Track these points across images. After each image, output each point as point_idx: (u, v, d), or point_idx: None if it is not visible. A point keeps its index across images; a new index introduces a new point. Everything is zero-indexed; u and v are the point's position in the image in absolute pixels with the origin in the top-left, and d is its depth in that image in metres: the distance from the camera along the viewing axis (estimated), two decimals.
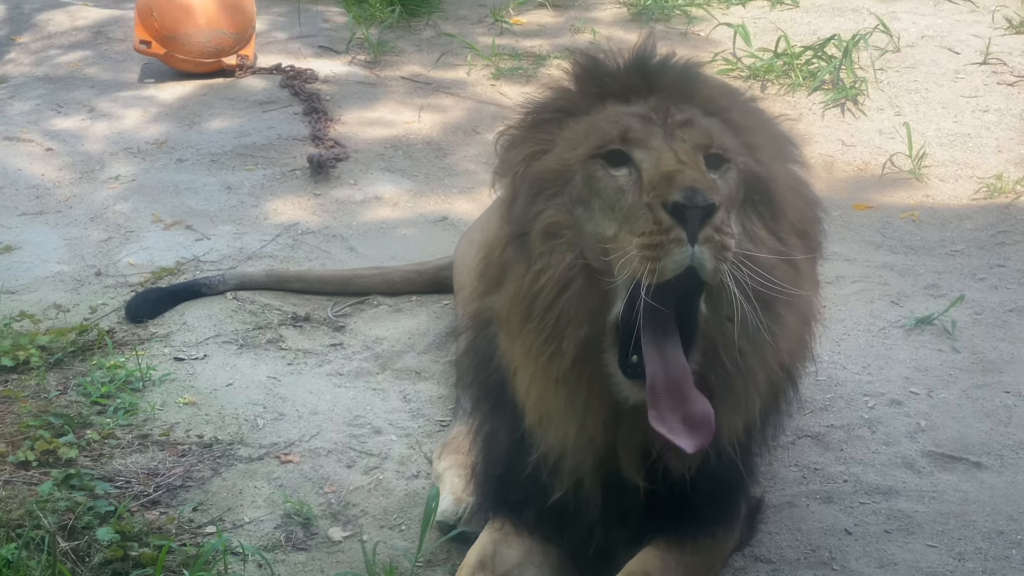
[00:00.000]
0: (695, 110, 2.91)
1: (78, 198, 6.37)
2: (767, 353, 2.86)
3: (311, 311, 5.10)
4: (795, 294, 2.83)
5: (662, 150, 2.77)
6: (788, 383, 3.19)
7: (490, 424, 3.30)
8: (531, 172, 2.94)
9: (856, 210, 6.19)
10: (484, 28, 8.74)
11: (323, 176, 6.51)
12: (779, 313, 2.82)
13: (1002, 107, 7.13)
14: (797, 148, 3.17)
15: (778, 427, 3.35)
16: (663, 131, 2.82)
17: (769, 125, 3.09)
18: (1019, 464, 3.97)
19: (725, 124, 2.93)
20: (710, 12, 8.47)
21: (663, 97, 2.93)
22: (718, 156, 2.83)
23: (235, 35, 7.84)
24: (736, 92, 3.13)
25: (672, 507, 3.09)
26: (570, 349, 2.83)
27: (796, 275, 2.87)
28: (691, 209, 2.57)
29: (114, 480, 3.83)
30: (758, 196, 2.87)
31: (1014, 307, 5.06)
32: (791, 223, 2.93)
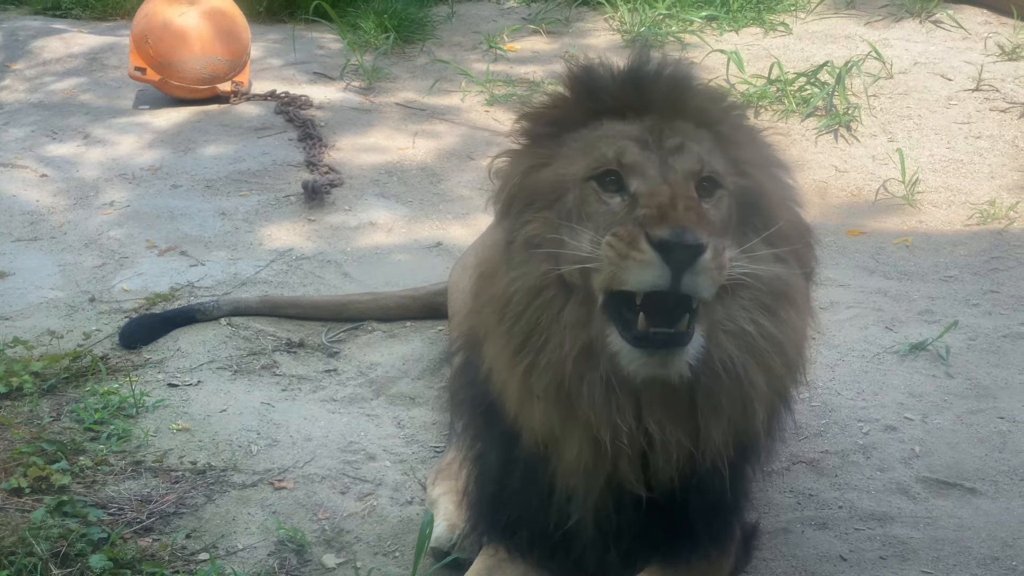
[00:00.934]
0: (687, 125, 2.94)
1: (72, 224, 6.37)
2: (767, 366, 2.86)
3: (305, 337, 5.10)
4: (798, 304, 2.89)
5: (657, 182, 2.80)
6: (782, 407, 3.19)
7: (480, 443, 3.30)
8: (527, 183, 2.99)
9: (850, 236, 6.20)
10: (478, 55, 8.77)
11: (317, 202, 6.52)
12: (779, 324, 2.85)
13: (995, 133, 7.16)
14: (787, 169, 3.17)
15: (772, 452, 3.34)
16: (658, 158, 2.85)
17: (758, 139, 3.11)
18: (1014, 490, 3.97)
19: (715, 138, 2.95)
20: (703, 39, 8.51)
21: (656, 113, 2.96)
22: (711, 181, 2.86)
23: (230, 62, 7.86)
24: (726, 101, 3.14)
25: (666, 529, 3.09)
26: (549, 365, 2.85)
27: (793, 278, 2.92)
28: (677, 247, 2.62)
29: (107, 507, 3.82)
30: (751, 211, 2.90)
31: (1008, 333, 5.07)
32: (786, 234, 2.94)
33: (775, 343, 2.86)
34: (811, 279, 3.21)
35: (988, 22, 8.44)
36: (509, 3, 9.83)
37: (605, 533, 3.11)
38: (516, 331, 2.89)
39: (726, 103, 3.12)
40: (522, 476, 3.11)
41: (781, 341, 2.87)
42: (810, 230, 3.19)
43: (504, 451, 3.14)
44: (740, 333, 2.82)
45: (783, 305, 2.86)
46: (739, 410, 2.88)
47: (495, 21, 9.38)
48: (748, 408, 2.88)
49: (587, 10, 9.40)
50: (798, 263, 3.02)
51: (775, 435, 3.26)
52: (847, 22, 8.71)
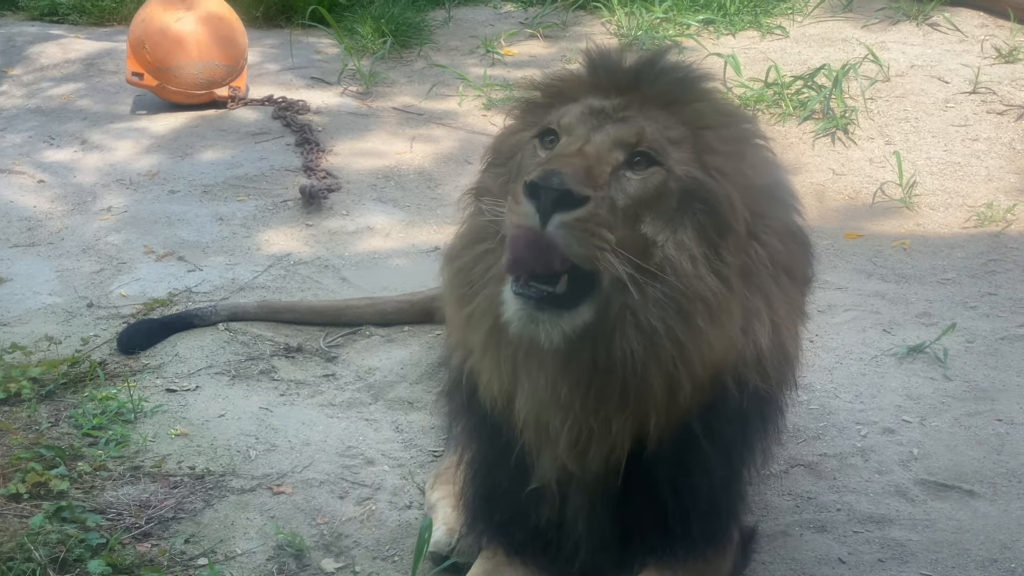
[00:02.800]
0: (664, 115, 2.94)
1: (70, 230, 6.37)
2: (666, 361, 2.80)
3: (303, 342, 5.10)
4: (720, 322, 2.81)
5: (576, 139, 2.85)
6: (774, 409, 3.19)
7: (473, 442, 3.32)
8: (498, 144, 3.12)
9: (847, 239, 6.21)
10: (476, 59, 8.77)
11: (315, 207, 6.52)
12: (696, 325, 2.78)
13: (992, 136, 7.16)
14: (791, 195, 3.15)
15: (767, 453, 3.34)
16: (597, 123, 2.89)
17: (749, 156, 3.01)
18: (1012, 492, 3.97)
19: (696, 139, 2.92)
20: (700, 43, 8.51)
21: (637, 98, 2.97)
22: (645, 155, 2.84)
23: (227, 67, 7.87)
24: (730, 115, 3.09)
25: (660, 529, 3.09)
26: (481, 317, 2.91)
27: (725, 291, 2.81)
28: (544, 190, 2.62)
29: (106, 512, 3.82)
30: (700, 207, 2.84)
31: (1005, 335, 5.08)
32: (747, 249, 2.90)
33: (682, 351, 2.79)
34: (808, 287, 3.23)
35: (985, 25, 8.45)
36: (506, 7, 9.84)
37: (595, 531, 3.11)
38: (458, 281, 2.98)
39: (728, 116, 3.07)
40: (511, 472, 3.13)
41: (689, 351, 2.80)
42: (809, 243, 3.20)
43: (493, 446, 3.15)
44: (648, 329, 2.76)
45: (703, 316, 2.78)
46: (635, 408, 2.86)
47: (492, 25, 9.39)
48: (642, 409, 2.86)
49: (584, 14, 9.40)
50: (790, 278, 3.02)
51: (770, 436, 3.26)
52: (844, 25, 8.72)
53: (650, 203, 2.80)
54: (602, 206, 2.69)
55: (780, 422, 3.28)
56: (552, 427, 2.94)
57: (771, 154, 3.11)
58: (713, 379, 2.89)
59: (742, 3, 9.08)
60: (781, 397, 3.20)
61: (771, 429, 3.24)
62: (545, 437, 2.99)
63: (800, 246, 3.13)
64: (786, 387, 3.21)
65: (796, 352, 3.19)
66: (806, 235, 3.20)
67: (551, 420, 2.93)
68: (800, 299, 3.19)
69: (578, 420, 2.89)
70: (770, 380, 3.00)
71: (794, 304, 3.10)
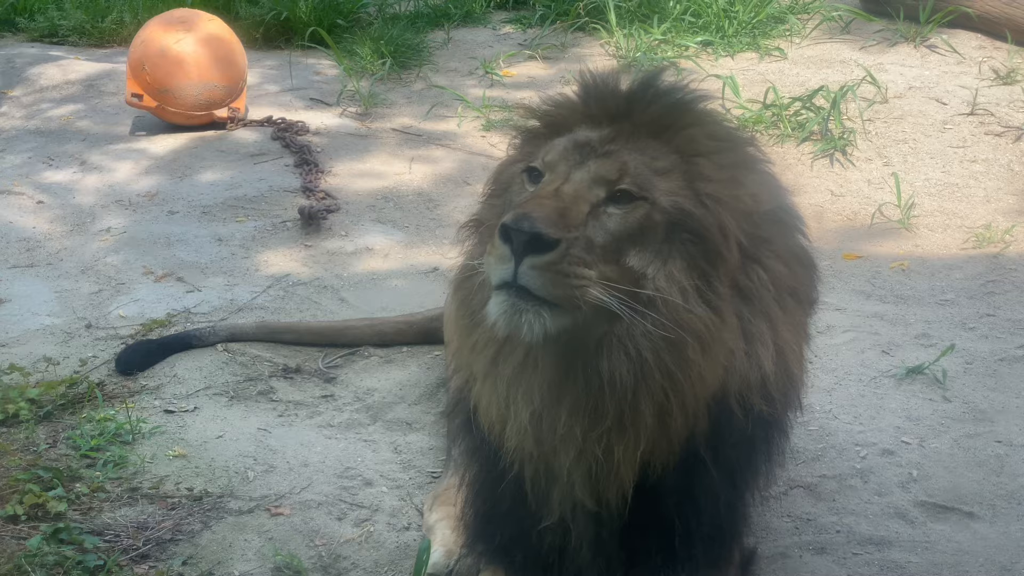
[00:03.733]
0: (656, 144, 2.95)
1: (69, 251, 6.37)
2: (656, 391, 2.80)
3: (302, 362, 5.10)
4: (712, 352, 2.80)
5: (556, 178, 2.88)
6: (779, 432, 3.19)
7: (474, 463, 3.31)
8: (497, 175, 3.16)
9: (846, 260, 6.21)
10: (475, 80, 8.79)
11: (314, 228, 6.53)
12: (687, 356, 2.78)
13: (990, 157, 7.18)
14: (796, 219, 3.15)
15: (770, 476, 3.34)
16: (580, 159, 2.90)
17: (748, 184, 2.97)
18: (1012, 514, 3.96)
19: (687, 167, 2.91)
20: (699, 64, 8.53)
21: (627, 127, 2.98)
22: (625, 192, 2.84)
23: (226, 88, 7.89)
24: (727, 143, 3.05)
25: (664, 554, 3.08)
26: (484, 345, 2.95)
27: (717, 321, 2.81)
28: (515, 232, 2.66)
29: (103, 534, 3.81)
30: (689, 237, 2.84)
31: (1004, 356, 5.07)
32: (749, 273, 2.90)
33: (672, 381, 2.80)
34: (812, 309, 3.23)
35: (983, 47, 8.47)
36: (505, 29, 9.86)
37: (600, 556, 3.11)
38: (462, 311, 3.04)
39: (724, 141, 3.04)
40: (511, 494, 3.12)
41: (680, 382, 2.80)
42: (814, 264, 3.20)
43: (493, 468, 3.15)
44: (636, 358, 2.78)
45: (693, 348, 2.78)
46: (633, 435, 2.86)
47: (491, 47, 9.41)
48: (639, 436, 2.86)
49: (583, 35, 9.43)
50: (794, 300, 3.01)
51: (774, 459, 3.26)
52: (842, 47, 8.74)
53: (634, 237, 2.82)
54: (576, 246, 2.71)
55: (784, 444, 3.27)
56: (558, 464, 2.94)
57: (774, 178, 3.10)
58: (711, 406, 2.88)
59: (740, 25, 9.10)
60: (786, 419, 3.20)
61: (776, 451, 3.23)
62: (553, 474, 2.98)
63: (805, 269, 3.13)
64: (791, 409, 3.20)
65: (801, 374, 3.18)
66: (812, 258, 3.20)
67: (558, 456, 2.92)
68: (805, 321, 3.19)
69: (584, 453, 2.88)
70: (775, 403, 2.99)
71: (799, 326, 3.09)
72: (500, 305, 2.74)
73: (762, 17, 9.14)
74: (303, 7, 9.69)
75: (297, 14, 9.70)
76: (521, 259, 2.68)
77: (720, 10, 9.19)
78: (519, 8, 10.29)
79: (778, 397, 3.00)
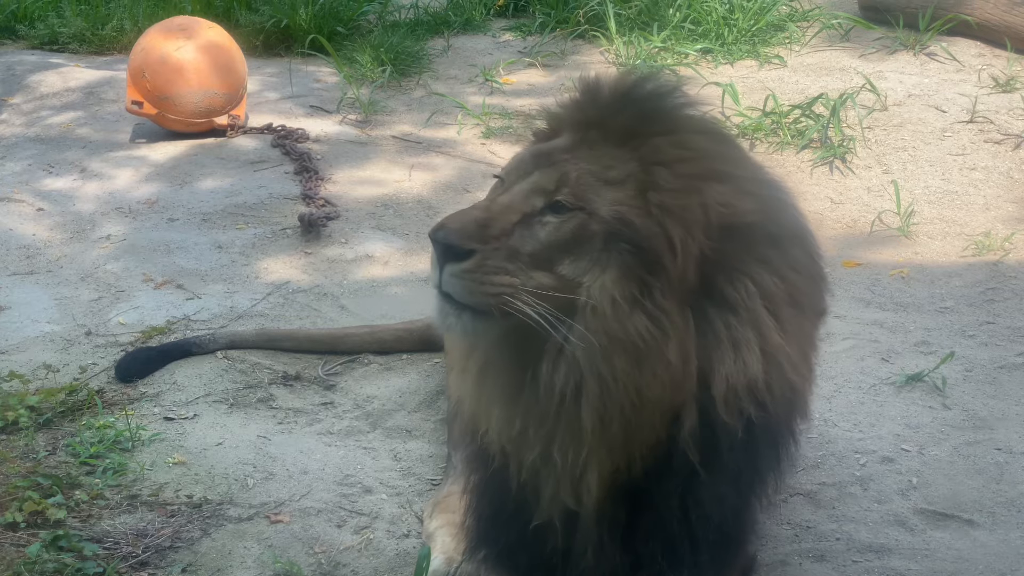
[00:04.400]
0: (620, 152, 2.95)
1: (69, 258, 6.37)
2: (593, 398, 2.83)
3: (301, 370, 5.10)
4: (641, 350, 2.80)
5: (501, 189, 3.02)
6: (782, 438, 3.18)
7: (474, 469, 3.32)
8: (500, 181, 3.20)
9: (845, 267, 6.21)
10: (474, 88, 8.80)
11: (314, 235, 6.53)
12: (618, 366, 2.79)
13: (989, 165, 7.18)
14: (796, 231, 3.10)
15: (778, 483, 3.33)
16: (530, 168, 2.98)
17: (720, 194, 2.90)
18: (1012, 522, 3.96)
19: (643, 176, 2.90)
20: (699, 72, 8.54)
21: (597, 135, 3.00)
22: (559, 204, 2.88)
23: (226, 95, 7.89)
24: (694, 152, 2.96)
25: (669, 556, 3.07)
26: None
27: (655, 332, 2.80)
28: (433, 242, 2.88)
29: (103, 541, 3.81)
30: (627, 248, 2.83)
31: (1004, 364, 5.07)
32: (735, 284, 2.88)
33: (606, 390, 2.82)
34: (819, 321, 3.22)
35: (982, 54, 8.48)
36: (505, 36, 9.87)
37: (604, 561, 3.10)
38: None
39: (691, 150, 2.96)
40: (513, 499, 3.12)
41: (612, 391, 2.82)
42: (820, 275, 3.20)
43: (494, 472, 3.15)
44: (573, 365, 2.82)
45: (626, 358, 2.80)
46: (573, 438, 2.89)
47: (491, 54, 9.42)
48: (579, 440, 2.88)
49: (583, 43, 9.44)
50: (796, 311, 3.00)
51: (783, 467, 3.25)
52: (841, 55, 8.75)
53: (568, 246, 2.86)
54: (495, 256, 2.83)
55: (791, 451, 3.26)
56: (532, 463, 2.98)
57: (769, 190, 3.07)
58: (683, 411, 2.89)
59: (740, 33, 9.11)
60: (789, 426, 3.18)
61: (783, 458, 3.22)
62: (537, 475, 3.00)
63: (809, 280, 3.10)
64: (794, 416, 3.18)
65: (803, 382, 3.15)
66: (818, 270, 3.18)
67: (529, 456, 2.97)
68: (810, 331, 3.17)
69: (546, 455, 2.93)
70: (768, 409, 2.98)
71: (801, 335, 3.07)
72: (433, 307, 2.93)
73: (762, 25, 9.16)
74: (303, 15, 9.69)
75: (297, 21, 9.71)
76: (443, 266, 2.84)
77: (720, 18, 9.20)
78: (519, 16, 10.30)
79: (773, 403, 2.99)
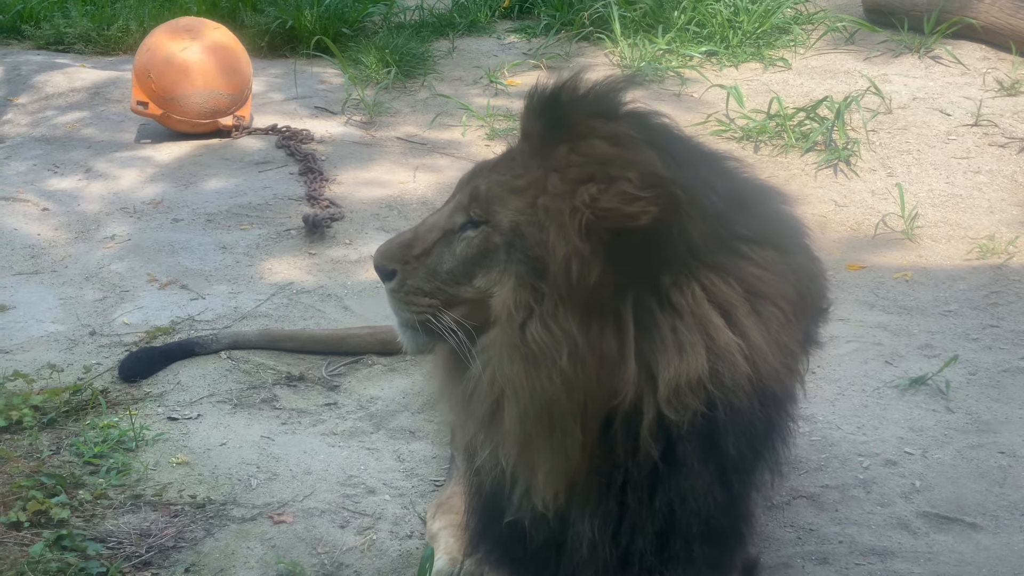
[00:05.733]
0: (531, 163, 2.96)
1: (73, 258, 6.38)
2: (501, 398, 2.91)
3: (305, 370, 5.10)
4: (536, 354, 2.83)
5: (436, 209, 3.20)
6: (765, 435, 3.14)
7: (467, 464, 3.33)
8: None
9: (849, 270, 6.21)
10: (479, 89, 8.81)
11: (318, 236, 6.53)
12: (517, 368, 2.85)
13: (994, 168, 7.18)
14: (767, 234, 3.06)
15: (772, 479, 3.31)
16: (463, 184, 3.12)
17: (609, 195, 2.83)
18: (1015, 525, 3.96)
19: (543, 183, 2.89)
20: (703, 74, 8.54)
21: (526, 146, 3.03)
22: (471, 220, 3.00)
23: (232, 96, 7.90)
24: (591, 156, 2.88)
25: (662, 555, 3.07)
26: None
27: (548, 340, 2.81)
28: (376, 268, 3.17)
29: (106, 541, 3.81)
30: (519, 256, 2.88)
31: (1008, 367, 5.07)
32: (565, 288, 2.84)
33: (514, 390, 2.86)
34: (805, 316, 3.19)
35: (987, 58, 8.48)
36: (510, 38, 9.88)
37: (594, 553, 3.09)
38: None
39: (587, 156, 2.88)
40: (495, 495, 3.13)
41: (518, 392, 2.86)
42: (811, 274, 3.19)
43: (478, 470, 3.16)
44: (488, 373, 2.91)
45: (522, 361, 2.83)
46: (506, 440, 2.95)
47: (496, 56, 9.43)
48: (512, 442, 2.94)
49: (587, 45, 9.44)
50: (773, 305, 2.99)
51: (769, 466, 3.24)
52: (846, 58, 8.75)
53: (479, 260, 2.98)
54: (414, 276, 3.07)
55: (774, 444, 3.21)
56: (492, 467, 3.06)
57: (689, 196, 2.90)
58: (613, 412, 2.90)
59: (745, 35, 9.12)
60: (769, 421, 3.13)
61: (761, 452, 3.17)
62: (502, 476, 3.05)
63: (783, 277, 3.06)
64: (773, 410, 3.13)
65: (776, 376, 3.10)
66: (802, 266, 3.16)
67: (487, 460, 3.05)
68: (789, 325, 3.11)
69: (494, 455, 3.01)
70: (720, 406, 2.93)
71: (776, 331, 3.03)
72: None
73: (766, 27, 9.16)
74: (308, 16, 9.71)
75: (302, 23, 9.72)
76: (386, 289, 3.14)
77: (724, 20, 9.21)
78: (524, 17, 10.31)
79: (725, 400, 2.94)
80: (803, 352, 3.26)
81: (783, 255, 3.07)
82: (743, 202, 3.04)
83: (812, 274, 3.20)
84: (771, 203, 3.18)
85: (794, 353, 3.13)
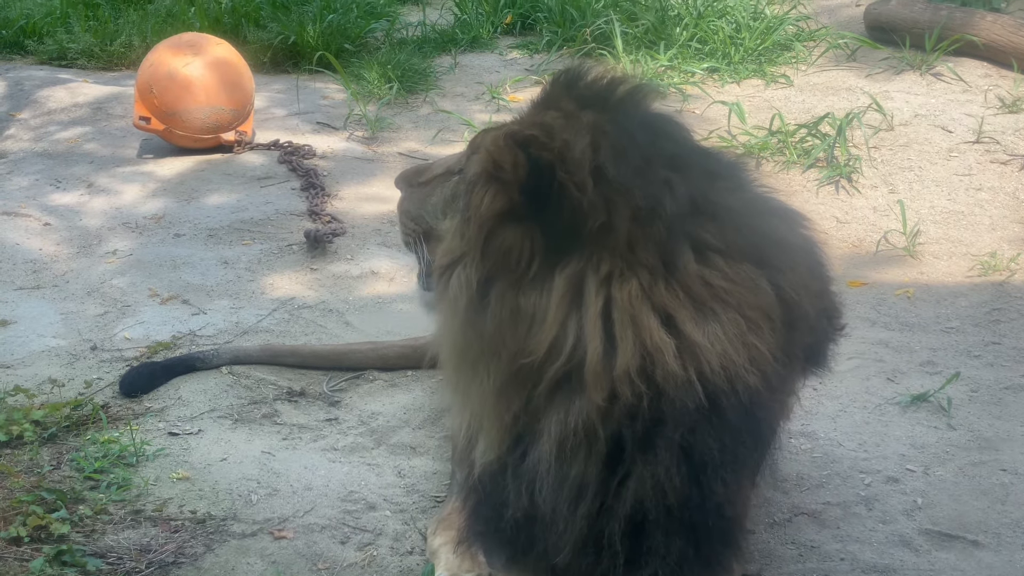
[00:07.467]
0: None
1: (75, 273, 6.39)
2: (443, 347, 3.20)
3: (306, 386, 5.10)
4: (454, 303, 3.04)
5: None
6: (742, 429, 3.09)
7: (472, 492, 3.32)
8: None
9: (851, 287, 6.21)
10: (481, 105, 8.82)
11: (320, 251, 6.54)
12: (443, 312, 3.14)
13: (995, 185, 7.18)
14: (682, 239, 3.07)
15: (755, 474, 3.31)
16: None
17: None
18: (1017, 543, 3.95)
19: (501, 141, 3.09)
20: (705, 90, 8.56)
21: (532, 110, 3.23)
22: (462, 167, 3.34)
23: (234, 111, 7.92)
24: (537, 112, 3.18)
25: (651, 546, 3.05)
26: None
27: (457, 284, 3.04)
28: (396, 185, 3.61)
29: (106, 556, 3.81)
30: (464, 206, 3.10)
31: (1010, 384, 5.07)
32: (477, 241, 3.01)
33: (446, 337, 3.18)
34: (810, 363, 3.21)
35: (988, 75, 8.49)
36: (512, 54, 9.90)
37: (586, 548, 3.08)
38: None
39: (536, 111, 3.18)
40: (512, 517, 3.12)
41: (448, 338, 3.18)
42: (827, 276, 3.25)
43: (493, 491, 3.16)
44: (439, 314, 3.21)
45: (452, 304, 3.06)
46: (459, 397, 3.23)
47: (498, 72, 9.44)
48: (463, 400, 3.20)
49: (590, 61, 9.45)
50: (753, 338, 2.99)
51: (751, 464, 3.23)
52: (848, 74, 8.77)
53: (450, 202, 3.36)
54: (410, 199, 3.46)
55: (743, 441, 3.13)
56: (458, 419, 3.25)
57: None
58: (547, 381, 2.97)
59: (746, 52, 9.13)
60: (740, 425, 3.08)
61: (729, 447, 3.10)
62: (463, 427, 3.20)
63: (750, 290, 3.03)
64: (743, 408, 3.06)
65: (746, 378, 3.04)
66: (803, 288, 3.14)
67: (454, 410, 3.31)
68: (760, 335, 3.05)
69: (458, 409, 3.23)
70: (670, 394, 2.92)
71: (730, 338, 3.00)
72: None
73: (768, 44, 9.18)
74: (311, 32, 9.73)
75: (305, 38, 9.75)
76: None
77: (726, 37, 9.23)
78: (526, 34, 10.33)
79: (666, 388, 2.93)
80: (793, 364, 3.23)
81: (764, 270, 3.05)
82: (723, 214, 3.02)
83: (815, 292, 3.19)
84: (772, 221, 3.17)
85: (768, 360, 3.06)
